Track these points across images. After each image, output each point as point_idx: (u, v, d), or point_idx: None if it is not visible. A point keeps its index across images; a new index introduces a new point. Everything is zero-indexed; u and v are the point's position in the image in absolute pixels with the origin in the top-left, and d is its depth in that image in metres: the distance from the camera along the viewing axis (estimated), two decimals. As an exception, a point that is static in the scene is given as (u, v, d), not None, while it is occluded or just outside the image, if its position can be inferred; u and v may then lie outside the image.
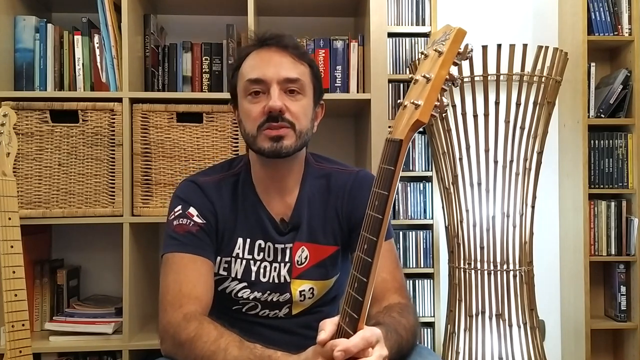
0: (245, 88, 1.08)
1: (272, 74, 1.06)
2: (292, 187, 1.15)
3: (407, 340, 0.95)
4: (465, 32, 0.73)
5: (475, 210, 1.72)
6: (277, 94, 1.05)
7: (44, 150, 1.63)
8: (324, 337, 0.78)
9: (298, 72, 1.08)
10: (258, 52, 1.10)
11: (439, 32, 0.77)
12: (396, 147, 0.74)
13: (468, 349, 1.72)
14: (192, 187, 1.13)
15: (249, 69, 1.08)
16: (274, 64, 1.07)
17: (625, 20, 2.03)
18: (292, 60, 1.08)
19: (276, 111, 1.04)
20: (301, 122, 1.08)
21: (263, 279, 1.13)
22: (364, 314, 0.76)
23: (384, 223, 0.73)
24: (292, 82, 1.07)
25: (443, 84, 0.72)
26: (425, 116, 0.72)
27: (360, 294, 0.75)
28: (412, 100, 0.73)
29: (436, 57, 0.73)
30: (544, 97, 1.70)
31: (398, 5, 2.07)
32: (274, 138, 1.05)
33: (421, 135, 2.07)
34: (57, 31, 1.72)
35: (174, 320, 0.98)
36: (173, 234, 1.08)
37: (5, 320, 1.32)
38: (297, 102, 1.07)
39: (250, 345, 0.90)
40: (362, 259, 0.76)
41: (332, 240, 1.15)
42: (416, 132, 0.74)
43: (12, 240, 1.35)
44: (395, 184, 0.74)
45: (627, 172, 2.04)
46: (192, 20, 2.01)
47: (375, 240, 0.74)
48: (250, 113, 1.07)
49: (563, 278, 2.18)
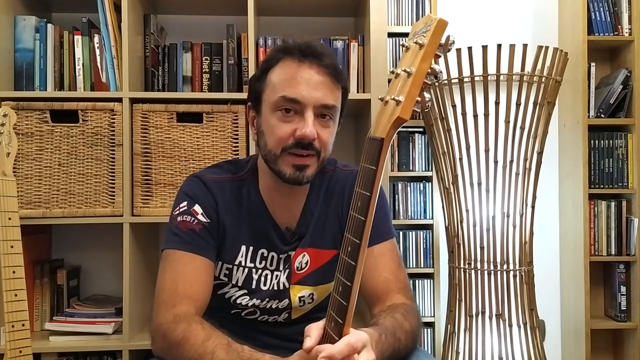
0: (276, 102, 1.01)
1: (311, 97, 0.99)
2: (299, 199, 1.13)
3: (405, 344, 0.94)
4: (447, 23, 0.69)
5: (475, 210, 1.72)
6: (312, 120, 0.99)
7: (44, 150, 1.63)
8: (310, 345, 0.77)
9: (334, 98, 1.02)
10: (296, 65, 1.01)
11: (420, 23, 0.73)
12: (377, 145, 0.71)
13: (468, 349, 1.72)
14: (199, 185, 1.10)
15: (285, 83, 1.00)
16: (314, 85, 0.99)
17: (625, 20, 2.03)
18: (331, 84, 1.01)
19: (309, 140, 0.98)
20: (327, 150, 1.04)
21: (263, 287, 1.11)
22: (349, 319, 0.74)
23: (367, 225, 0.71)
24: (328, 108, 1.01)
25: (425, 78, 0.68)
26: (407, 113, 0.69)
27: (344, 298, 0.73)
28: (392, 96, 0.70)
29: (417, 49, 0.69)
30: (544, 97, 1.70)
31: (398, 5, 2.07)
32: (298, 167, 1.01)
33: (421, 135, 2.07)
34: (57, 31, 1.72)
35: (164, 321, 0.97)
36: (176, 230, 1.05)
37: (5, 320, 1.32)
38: (327, 129, 1.02)
39: (238, 348, 0.89)
40: (346, 262, 0.74)
41: (332, 244, 1.13)
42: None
43: (12, 240, 1.35)
44: (378, 184, 0.71)
45: (627, 172, 2.04)
46: (192, 20, 2.01)
47: (359, 242, 0.71)
48: (278, 132, 1.00)
49: (563, 278, 2.18)
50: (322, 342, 0.78)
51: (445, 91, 1.71)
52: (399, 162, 2.06)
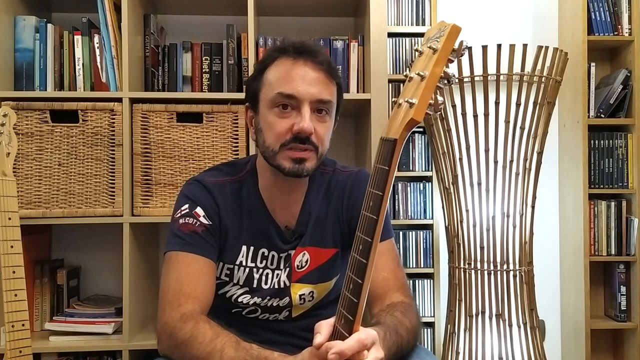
0: (273, 99, 1.03)
1: (307, 92, 1.02)
2: (298, 196, 1.14)
3: (407, 341, 0.95)
4: (460, 29, 0.71)
5: (475, 210, 1.72)
6: (308, 115, 1.01)
7: (44, 150, 1.63)
8: (320, 341, 0.78)
9: (330, 92, 1.05)
10: (291, 62, 1.04)
11: (434, 29, 0.76)
12: (390, 146, 0.72)
13: (468, 349, 1.72)
14: (199, 188, 1.11)
15: (281, 80, 1.03)
16: (309, 81, 1.02)
17: (625, 20, 2.03)
18: (325, 79, 1.04)
19: (306, 134, 1.01)
20: (324, 144, 1.06)
21: (264, 286, 1.12)
22: (360, 316, 0.75)
23: (378, 224, 0.72)
24: (324, 103, 1.04)
25: (438, 81, 0.71)
26: (420, 115, 0.70)
27: (355, 295, 0.74)
28: (406, 99, 0.72)
29: (430, 54, 0.72)
30: (544, 97, 1.70)
31: (398, 5, 2.07)
32: (296, 160, 1.02)
33: (421, 135, 2.07)
34: (57, 31, 1.72)
35: (171, 320, 0.98)
36: (178, 233, 1.06)
37: (5, 320, 1.32)
38: (324, 124, 1.05)
39: (247, 346, 0.90)
40: (357, 260, 0.75)
41: (332, 243, 1.15)
42: (411, 131, 0.73)
43: (12, 240, 1.35)
44: (390, 184, 0.73)
45: (627, 172, 2.04)
46: (192, 20, 2.01)
47: (370, 241, 0.73)
48: (275, 128, 1.03)
49: (563, 278, 2.18)
50: (331, 339, 0.79)
51: (446, 91, 1.71)
52: (399, 162, 2.06)
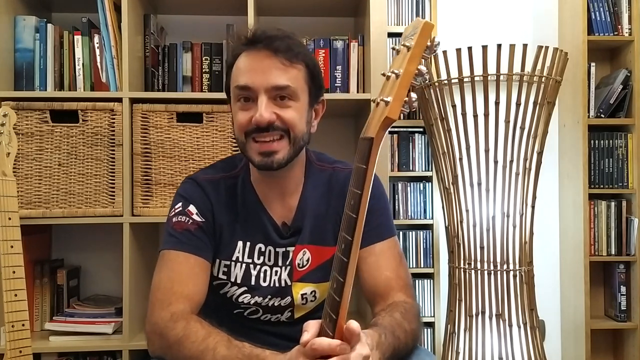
0: (235, 94, 1.05)
1: (260, 81, 1.01)
2: (293, 190, 1.13)
3: (405, 343, 0.95)
4: (433, 26, 0.73)
5: (475, 210, 1.72)
6: (264, 104, 1.01)
7: (44, 150, 1.63)
8: (307, 338, 0.78)
9: (288, 77, 1.02)
10: (248, 53, 1.04)
11: (410, 27, 0.76)
12: (368, 145, 0.73)
13: (468, 349, 1.72)
14: (193, 186, 1.12)
15: (238, 73, 1.04)
16: (262, 70, 1.01)
17: (625, 20, 2.03)
18: (282, 65, 1.02)
19: (263, 124, 1.01)
20: (296, 128, 1.04)
21: (263, 284, 1.12)
22: (344, 314, 0.76)
23: (358, 222, 0.73)
24: (282, 89, 1.02)
25: (412, 79, 0.71)
26: (395, 113, 0.71)
27: (337, 294, 0.75)
28: (382, 98, 0.73)
29: (405, 52, 0.72)
30: (544, 97, 1.70)
31: (398, 5, 2.07)
32: (264, 153, 1.03)
33: (421, 135, 2.07)
34: (57, 31, 1.72)
35: (161, 321, 0.97)
36: (171, 231, 1.08)
37: (5, 320, 1.32)
38: (288, 109, 1.03)
39: (239, 344, 0.90)
40: (340, 259, 0.75)
41: (334, 241, 1.13)
42: (388, 129, 0.74)
43: (12, 240, 1.35)
44: (369, 182, 0.73)
45: (627, 172, 2.04)
46: (192, 20, 2.01)
47: (351, 239, 0.73)
48: (238, 119, 1.05)
49: (563, 278, 2.18)
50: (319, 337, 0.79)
51: (445, 91, 1.71)
52: (399, 162, 2.07)
